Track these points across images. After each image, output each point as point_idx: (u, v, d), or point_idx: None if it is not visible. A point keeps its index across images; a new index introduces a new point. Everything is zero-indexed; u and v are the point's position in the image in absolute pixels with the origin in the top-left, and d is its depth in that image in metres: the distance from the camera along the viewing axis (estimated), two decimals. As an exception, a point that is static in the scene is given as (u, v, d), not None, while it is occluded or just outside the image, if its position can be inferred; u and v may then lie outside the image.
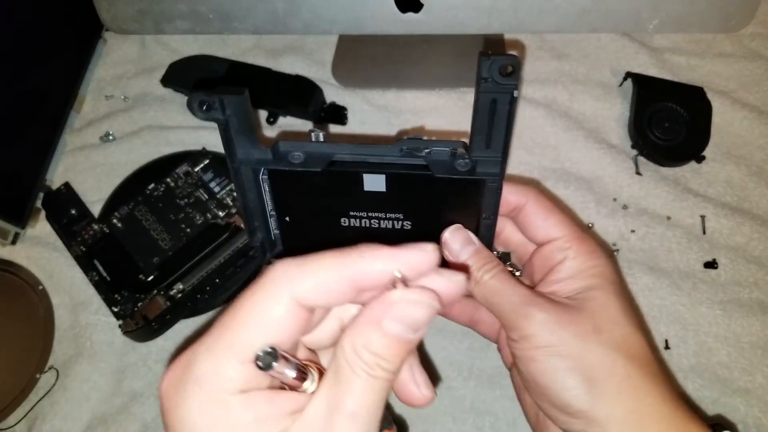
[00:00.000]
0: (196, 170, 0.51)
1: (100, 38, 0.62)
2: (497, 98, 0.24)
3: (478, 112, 0.25)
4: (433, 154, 0.26)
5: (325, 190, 0.27)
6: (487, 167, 0.26)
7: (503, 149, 0.26)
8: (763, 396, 0.41)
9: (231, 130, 0.26)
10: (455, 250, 0.28)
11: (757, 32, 0.56)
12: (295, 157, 0.26)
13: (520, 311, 0.26)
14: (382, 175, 0.26)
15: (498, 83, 0.24)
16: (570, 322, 0.25)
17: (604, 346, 0.25)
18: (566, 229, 0.29)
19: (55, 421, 0.44)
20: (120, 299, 0.46)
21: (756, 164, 0.50)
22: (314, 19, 0.53)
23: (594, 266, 0.28)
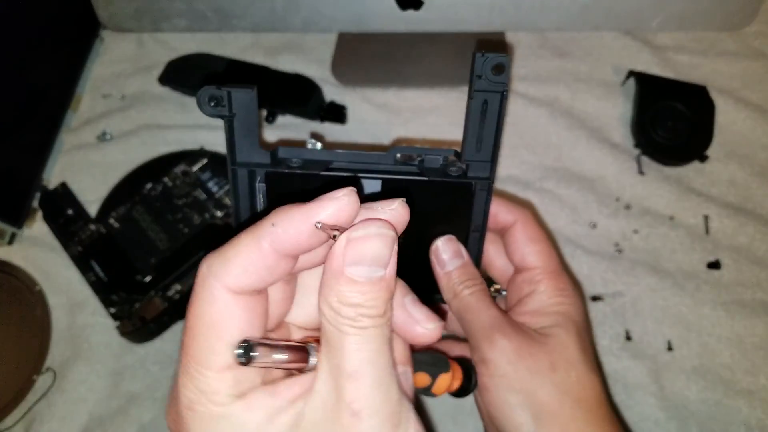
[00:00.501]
0: (194, 170, 0.50)
1: (98, 36, 0.62)
2: (488, 98, 0.25)
3: (471, 113, 0.26)
4: (426, 161, 0.27)
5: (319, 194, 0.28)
6: (477, 171, 0.27)
7: (493, 152, 0.27)
8: (766, 398, 0.41)
9: (235, 128, 0.26)
10: (444, 260, 0.28)
11: (760, 30, 0.56)
12: (294, 162, 0.27)
13: (485, 333, 0.27)
14: (378, 180, 0.27)
15: (490, 81, 0.25)
16: (528, 355, 0.26)
17: (556, 386, 0.26)
18: (542, 261, 0.29)
19: (52, 423, 0.43)
20: (117, 300, 0.45)
21: (759, 164, 0.50)
22: (313, 17, 0.52)
23: (559, 304, 0.28)
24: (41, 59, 0.55)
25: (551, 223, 0.48)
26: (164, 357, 0.45)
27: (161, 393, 0.44)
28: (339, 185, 0.22)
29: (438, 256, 0.28)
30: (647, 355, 0.43)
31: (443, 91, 0.55)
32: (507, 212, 0.30)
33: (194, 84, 0.56)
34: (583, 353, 0.27)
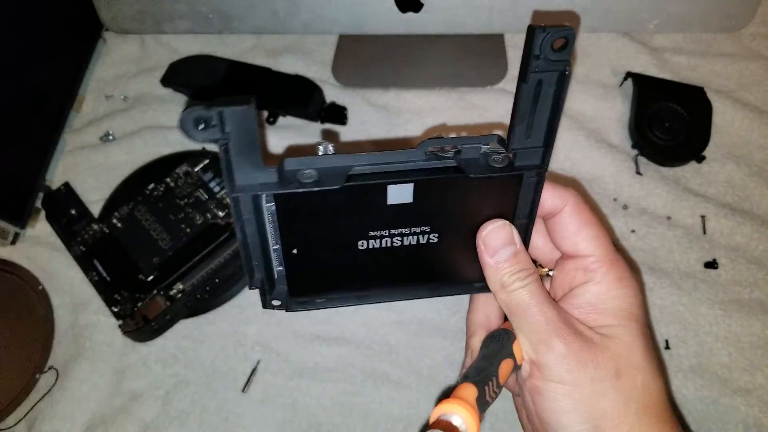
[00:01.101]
0: (196, 170, 0.51)
1: (100, 38, 0.62)
2: (543, 78, 0.21)
3: (522, 96, 0.22)
4: (463, 152, 0.23)
5: (342, 211, 0.24)
6: (527, 159, 0.23)
7: (546, 137, 0.23)
8: (764, 396, 0.41)
9: (231, 152, 0.22)
10: (494, 247, 0.25)
11: (757, 32, 0.56)
12: (307, 175, 0.23)
13: (541, 336, 0.24)
14: (410, 183, 0.23)
15: (550, 60, 0.21)
16: (590, 362, 0.24)
17: (621, 393, 0.24)
18: (598, 247, 0.26)
19: (54, 422, 0.44)
20: (120, 299, 0.46)
21: (756, 164, 0.50)
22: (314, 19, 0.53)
23: (620, 297, 0.25)
24: (44, 60, 0.55)
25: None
26: (166, 356, 0.46)
27: (163, 391, 0.44)
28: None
29: (487, 244, 0.25)
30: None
31: (443, 92, 0.55)
32: (555, 196, 0.26)
33: (196, 85, 0.57)
34: (648, 355, 0.25)
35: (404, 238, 0.25)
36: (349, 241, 0.25)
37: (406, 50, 0.57)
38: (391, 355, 0.44)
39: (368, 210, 0.24)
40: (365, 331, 0.45)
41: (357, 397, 0.43)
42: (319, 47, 0.59)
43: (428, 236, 0.26)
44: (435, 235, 0.26)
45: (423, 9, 0.51)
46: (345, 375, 0.44)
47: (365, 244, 0.25)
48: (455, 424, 0.21)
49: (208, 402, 0.44)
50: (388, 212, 0.24)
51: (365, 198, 0.24)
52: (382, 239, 0.25)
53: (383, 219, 0.25)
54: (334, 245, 0.26)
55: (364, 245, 0.25)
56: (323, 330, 0.46)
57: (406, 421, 0.42)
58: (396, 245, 0.25)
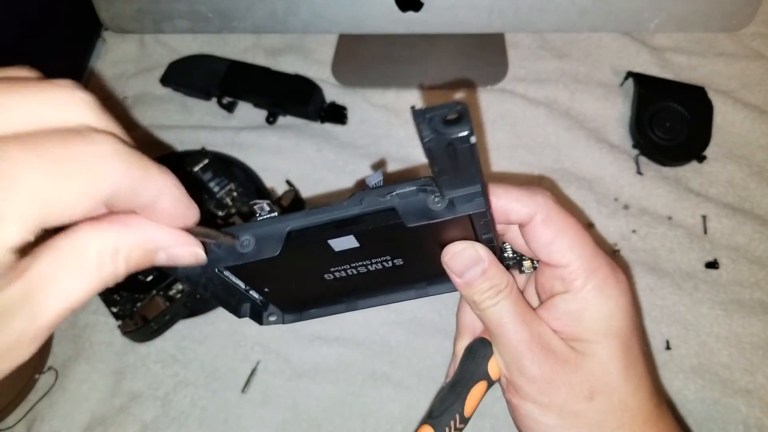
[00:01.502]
0: (196, 170, 0.51)
1: (99, 37, 0.62)
2: (453, 142, 0.18)
3: (434, 158, 0.19)
4: (400, 197, 0.22)
5: (294, 263, 0.24)
6: (466, 206, 0.21)
7: (480, 180, 0.21)
8: (765, 396, 0.41)
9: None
10: (461, 270, 0.24)
11: (758, 32, 0.56)
12: (245, 244, 0.23)
13: (513, 357, 0.24)
14: (350, 235, 0.22)
15: (447, 135, 0.18)
16: (562, 385, 0.23)
17: (596, 413, 0.24)
18: (574, 257, 0.24)
19: (54, 422, 0.44)
20: (119, 299, 0.45)
21: (757, 164, 0.50)
22: (314, 18, 0.52)
23: (598, 309, 0.24)
24: (43, 60, 0.55)
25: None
26: (165, 356, 0.46)
27: (163, 391, 0.44)
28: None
29: (451, 267, 0.24)
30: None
31: (443, 91, 0.55)
32: (521, 206, 0.24)
33: (196, 85, 0.56)
34: (627, 372, 0.24)
35: (368, 266, 0.25)
36: (314, 278, 0.26)
37: (406, 50, 0.57)
38: (391, 356, 0.44)
39: (318, 257, 0.24)
40: (365, 332, 0.45)
41: (357, 398, 0.43)
42: (319, 47, 0.59)
43: (392, 261, 0.25)
44: (399, 260, 0.25)
45: (423, 9, 0.50)
46: (345, 375, 0.44)
47: (331, 275, 0.26)
48: None
49: (208, 402, 0.44)
50: (341, 255, 0.24)
51: (312, 251, 0.23)
52: (346, 270, 0.25)
53: (339, 260, 0.24)
54: (301, 282, 0.26)
55: (330, 277, 0.26)
56: (323, 330, 0.45)
57: (406, 421, 0.42)
58: (362, 272, 0.25)
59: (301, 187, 0.51)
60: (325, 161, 0.53)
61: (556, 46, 0.57)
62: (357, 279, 0.26)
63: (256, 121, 0.56)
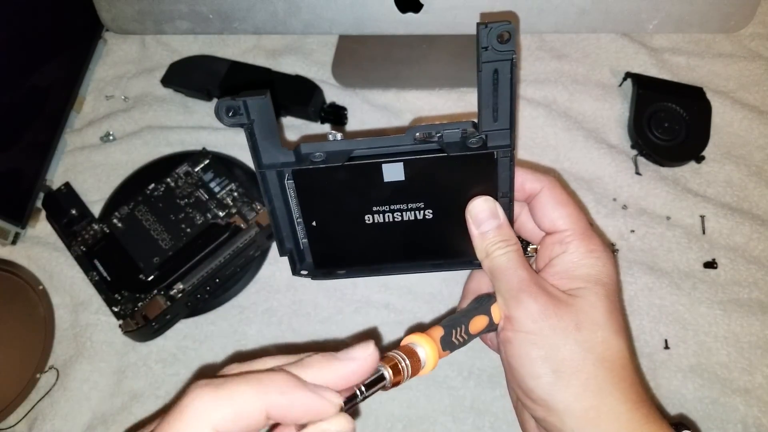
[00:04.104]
0: (196, 170, 0.51)
1: (101, 38, 0.62)
2: (498, 68, 0.26)
3: (483, 84, 0.26)
4: (445, 136, 0.27)
5: (348, 186, 0.29)
6: (497, 140, 0.27)
7: (510, 120, 0.27)
8: (763, 396, 0.41)
9: (256, 134, 0.27)
10: (480, 219, 0.29)
11: (756, 32, 0.57)
12: (317, 156, 0.28)
13: (513, 293, 0.27)
14: (400, 162, 0.27)
15: (497, 51, 0.25)
16: (554, 315, 0.27)
17: (579, 344, 0.26)
18: (572, 223, 0.29)
19: (55, 421, 0.44)
20: (120, 299, 0.46)
21: (756, 164, 0.50)
22: (314, 20, 0.53)
23: (590, 265, 0.28)
24: (44, 61, 0.56)
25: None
26: (167, 355, 0.46)
27: (163, 391, 0.44)
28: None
29: (474, 216, 0.29)
30: (644, 353, 0.43)
31: (443, 92, 0.55)
32: (533, 180, 0.30)
33: (197, 85, 0.57)
34: (610, 316, 0.27)
35: (403, 214, 0.29)
36: (357, 215, 0.29)
37: (405, 51, 0.57)
38: (390, 355, 0.44)
39: (369, 186, 0.28)
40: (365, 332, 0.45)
41: (357, 397, 0.43)
42: (319, 47, 0.59)
43: (423, 212, 0.29)
44: (429, 211, 0.29)
45: (423, 9, 0.51)
46: (345, 375, 0.44)
47: (371, 218, 0.29)
48: (417, 351, 0.26)
49: (209, 401, 0.44)
50: (386, 189, 0.28)
51: (365, 175, 0.28)
52: (384, 214, 0.29)
53: (383, 195, 0.29)
54: (346, 218, 0.30)
55: (370, 219, 0.30)
56: (323, 330, 0.46)
57: (406, 421, 0.42)
58: (397, 220, 0.29)
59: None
60: (325, 161, 0.53)
61: (555, 46, 0.58)
62: (391, 231, 0.30)
63: (256, 121, 0.56)
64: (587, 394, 0.26)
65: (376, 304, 0.46)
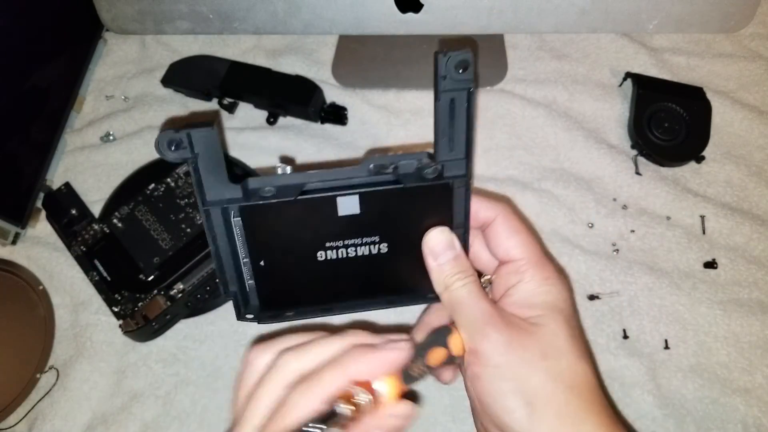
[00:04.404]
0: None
1: (101, 38, 0.62)
2: (455, 97, 0.25)
3: (440, 114, 0.26)
4: (400, 167, 0.27)
5: (300, 222, 0.27)
6: (453, 170, 0.27)
7: (466, 149, 0.27)
8: (763, 396, 0.41)
9: (200, 169, 0.26)
10: (437, 252, 0.29)
11: (756, 32, 0.57)
12: (266, 191, 0.26)
13: (477, 326, 0.27)
14: (356, 195, 0.27)
15: (455, 80, 0.25)
16: (519, 347, 0.27)
17: (548, 373, 0.26)
18: (526, 251, 0.29)
19: (55, 421, 0.44)
20: (120, 299, 0.46)
21: (756, 164, 0.50)
22: (314, 19, 0.53)
23: (546, 293, 0.29)
24: (44, 61, 0.56)
25: (549, 223, 0.49)
26: (167, 355, 0.46)
27: (163, 391, 0.44)
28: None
29: (431, 248, 0.29)
30: (644, 353, 0.43)
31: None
32: (487, 208, 0.30)
33: (197, 85, 0.57)
34: (573, 341, 0.28)
35: (357, 249, 0.29)
36: (309, 252, 0.28)
37: (406, 51, 0.57)
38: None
39: (322, 221, 0.27)
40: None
41: (357, 397, 0.43)
42: (319, 47, 0.59)
43: (378, 246, 0.29)
44: (384, 245, 0.29)
45: (423, 9, 0.51)
46: (345, 375, 0.44)
47: (323, 254, 0.28)
48: (375, 387, 0.26)
49: (209, 402, 0.44)
50: (340, 223, 0.27)
51: (319, 210, 0.27)
52: (338, 249, 0.28)
53: (336, 230, 0.28)
54: (296, 256, 0.29)
55: (322, 256, 0.28)
56: (323, 330, 0.46)
57: (405, 421, 0.42)
58: (350, 256, 0.29)
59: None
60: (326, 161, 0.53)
61: (555, 47, 0.58)
62: (344, 267, 0.29)
63: (256, 121, 0.56)
64: (563, 424, 0.26)
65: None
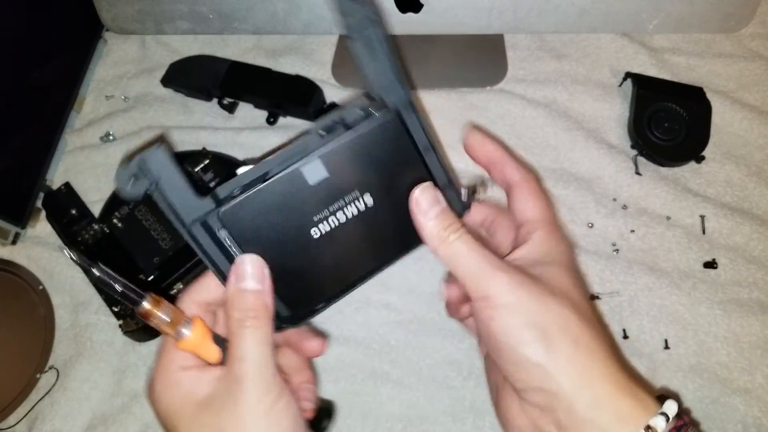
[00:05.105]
0: (197, 170, 0.51)
1: (101, 38, 0.62)
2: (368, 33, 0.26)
3: (359, 53, 0.26)
4: (347, 117, 0.27)
5: (279, 207, 0.27)
6: (392, 96, 0.27)
7: (394, 74, 0.27)
8: (763, 396, 0.41)
9: (166, 193, 0.25)
10: (424, 208, 0.28)
11: (756, 32, 0.57)
12: (236, 192, 0.26)
13: (483, 272, 0.27)
14: (316, 159, 0.26)
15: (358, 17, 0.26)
16: (528, 284, 0.27)
17: (560, 305, 0.27)
18: (541, 214, 0.31)
19: (55, 421, 0.44)
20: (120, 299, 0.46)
21: (756, 164, 0.50)
22: (314, 19, 0.53)
23: (551, 250, 0.30)
24: (45, 61, 0.56)
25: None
26: (166, 355, 0.46)
27: (163, 391, 0.44)
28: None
29: (418, 206, 0.29)
30: (644, 353, 0.43)
31: (443, 92, 0.56)
32: (514, 169, 0.31)
33: (197, 85, 0.57)
34: (576, 284, 0.28)
35: (345, 211, 0.28)
36: (303, 235, 0.28)
37: (406, 51, 0.58)
38: (391, 355, 0.44)
39: (298, 197, 0.27)
40: (365, 331, 0.45)
41: (356, 396, 0.43)
42: (319, 48, 0.59)
43: (362, 199, 0.28)
44: (368, 196, 0.28)
45: (423, 10, 0.51)
46: (345, 374, 0.44)
47: (317, 231, 0.28)
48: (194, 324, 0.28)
49: (209, 401, 0.44)
50: (318, 193, 0.27)
51: (290, 187, 0.27)
52: (327, 219, 0.28)
53: (316, 200, 0.27)
54: (294, 244, 0.28)
55: (317, 233, 0.28)
56: (323, 329, 0.46)
57: (405, 421, 0.42)
58: (342, 221, 0.28)
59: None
60: (326, 161, 0.53)
61: (555, 47, 0.58)
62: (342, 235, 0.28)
63: (256, 121, 0.56)
64: (579, 354, 0.26)
65: (376, 304, 0.46)
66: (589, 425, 0.25)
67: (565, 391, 0.25)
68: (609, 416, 0.25)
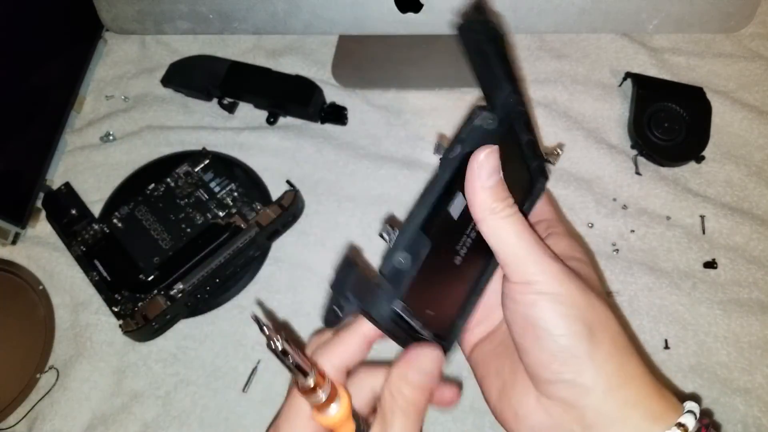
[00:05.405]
0: (197, 170, 0.51)
1: (101, 38, 0.62)
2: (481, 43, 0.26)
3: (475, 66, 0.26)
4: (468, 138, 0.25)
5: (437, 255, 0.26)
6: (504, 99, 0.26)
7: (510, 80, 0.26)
8: (763, 396, 0.41)
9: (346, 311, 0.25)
10: (485, 176, 0.26)
11: (756, 32, 0.57)
12: (402, 263, 0.25)
13: (532, 257, 0.26)
14: (459, 192, 0.26)
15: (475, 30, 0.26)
16: (575, 278, 0.26)
17: (601, 303, 0.26)
18: (553, 213, 0.32)
19: (55, 421, 0.44)
20: (120, 299, 0.46)
21: (756, 164, 0.50)
22: (314, 20, 0.53)
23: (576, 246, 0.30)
24: (44, 61, 0.56)
25: (549, 223, 0.49)
26: (167, 355, 0.46)
27: (163, 391, 0.44)
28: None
29: (479, 169, 0.26)
30: (644, 353, 0.43)
31: (443, 92, 0.56)
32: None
33: (197, 85, 0.57)
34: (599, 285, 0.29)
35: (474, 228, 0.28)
36: (451, 266, 0.27)
37: (405, 51, 0.58)
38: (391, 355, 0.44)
39: (447, 236, 0.27)
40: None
41: (357, 397, 0.43)
42: (319, 47, 0.59)
43: None
44: None
45: (423, 9, 0.51)
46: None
47: (459, 257, 0.28)
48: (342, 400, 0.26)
49: (209, 402, 0.44)
50: (460, 222, 0.27)
51: (443, 232, 0.26)
52: (466, 242, 0.28)
53: (458, 230, 0.27)
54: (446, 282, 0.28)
55: (459, 259, 0.28)
56: (323, 330, 0.46)
57: (405, 421, 0.42)
58: (473, 236, 0.28)
59: (302, 187, 0.51)
60: (326, 162, 0.53)
61: (555, 47, 0.58)
62: (475, 249, 0.28)
63: (256, 121, 0.56)
64: (617, 352, 0.25)
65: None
66: (619, 424, 0.25)
67: (598, 388, 0.25)
68: (641, 415, 0.25)
